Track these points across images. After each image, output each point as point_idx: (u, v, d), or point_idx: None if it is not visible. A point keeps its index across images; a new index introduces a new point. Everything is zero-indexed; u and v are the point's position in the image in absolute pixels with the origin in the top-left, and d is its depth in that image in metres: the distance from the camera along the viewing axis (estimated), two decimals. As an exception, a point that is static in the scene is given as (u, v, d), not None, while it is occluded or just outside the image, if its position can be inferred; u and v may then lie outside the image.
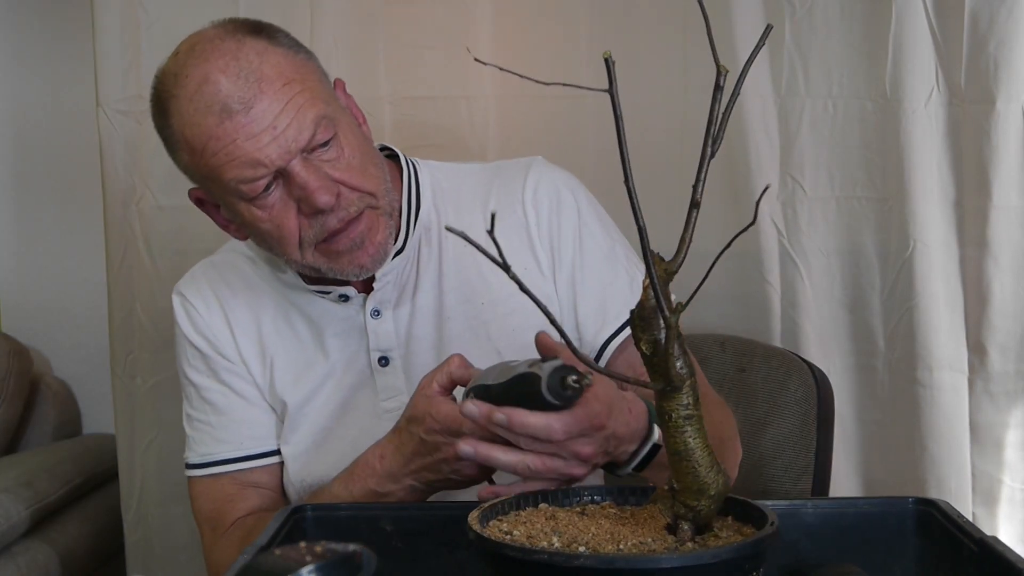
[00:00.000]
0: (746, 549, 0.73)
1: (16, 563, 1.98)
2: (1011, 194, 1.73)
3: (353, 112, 1.23)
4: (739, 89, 0.73)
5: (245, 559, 0.83)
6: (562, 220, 1.27)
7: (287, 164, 1.11)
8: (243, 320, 1.29)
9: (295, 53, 1.15)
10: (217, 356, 1.29)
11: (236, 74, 1.09)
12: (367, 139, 1.22)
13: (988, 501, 1.82)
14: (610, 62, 0.68)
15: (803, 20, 1.82)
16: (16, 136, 2.57)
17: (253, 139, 1.09)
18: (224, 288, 1.31)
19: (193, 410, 1.31)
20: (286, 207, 1.14)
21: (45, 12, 2.55)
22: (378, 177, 1.19)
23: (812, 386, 1.52)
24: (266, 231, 1.16)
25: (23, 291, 2.60)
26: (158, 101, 1.16)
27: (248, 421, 1.29)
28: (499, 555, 0.74)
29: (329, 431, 1.26)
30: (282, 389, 1.28)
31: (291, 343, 1.28)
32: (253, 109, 1.09)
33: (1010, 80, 1.70)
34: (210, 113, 1.09)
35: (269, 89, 1.10)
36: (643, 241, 0.72)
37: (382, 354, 1.26)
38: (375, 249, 1.18)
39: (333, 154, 1.14)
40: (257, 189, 1.12)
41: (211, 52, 1.11)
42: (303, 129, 1.10)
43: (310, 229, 1.15)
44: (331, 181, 1.13)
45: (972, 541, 0.84)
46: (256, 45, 1.12)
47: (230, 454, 1.28)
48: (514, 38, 1.96)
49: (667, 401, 0.76)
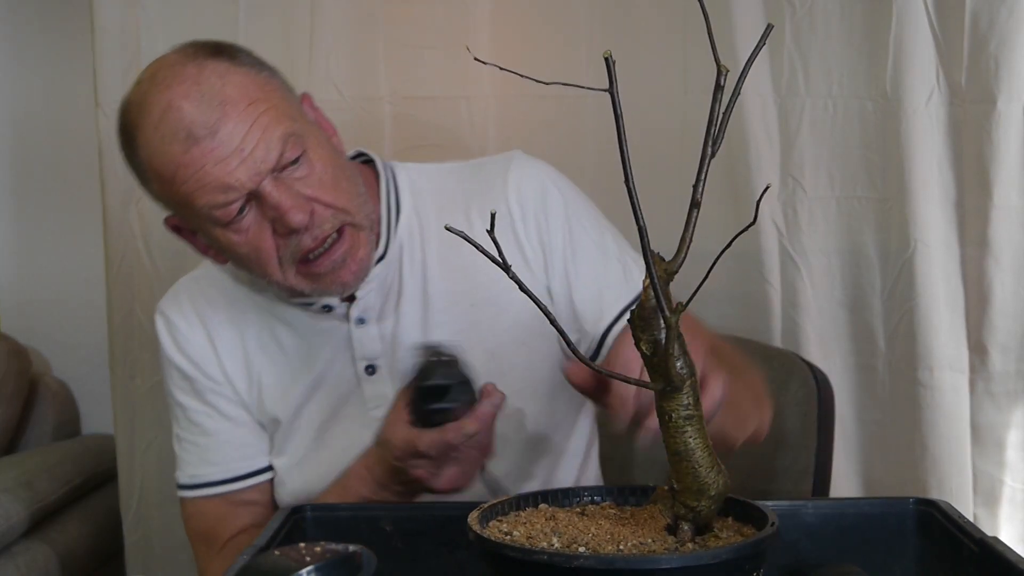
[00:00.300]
0: (746, 549, 0.73)
1: (16, 563, 1.98)
2: (1012, 194, 1.73)
3: (323, 126, 1.21)
4: (739, 89, 0.73)
5: (245, 559, 0.83)
6: (549, 214, 1.25)
7: (258, 185, 1.09)
8: (227, 338, 1.27)
9: (258, 72, 1.13)
10: (202, 377, 1.27)
11: (199, 99, 1.08)
12: (339, 152, 1.21)
13: (989, 501, 1.82)
14: (610, 62, 0.68)
15: (803, 20, 1.82)
16: (16, 136, 2.57)
17: (221, 163, 1.07)
18: (206, 306, 1.29)
19: (181, 431, 1.30)
20: (261, 228, 1.12)
21: (45, 12, 2.55)
22: (351, 191, 1.17)
23: (812, 386, 1.52)
24: (244, 254, 1.14)
25: (23, 291, 2.60)
26: (124, 132, 1.14)
27: (235, 443, 1.28)
28: (499, 555, 0.74)
29: (320, 442, 1.26)
30: (271, 405, 1.27)
31: (277, 357, 1.27)
32: (219, 133, 1.07)
33: (1011, 80, 1.70)
34: (176, 141, 1.08)
35: (233, 111, 1.08)
36: (643, 241, 0.72)
37: (368, 362, 1.24)
38: (357, 266, 1.17)
39: (304, 171, 1.12)
40: (231, 214, 1.10)
41: (172, 79, 1.10)
42: (271, 148, 1.09)
43: (286, 249, 1.13)
44: (303, 199, 1.11)
45: (973, 541, 0.84)
46: (217, 67, 1.10)
47: (219, 476, 1.28)
48: (514, 38, 1.96)
49: (667, 401, 0.76)
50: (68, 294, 2.55)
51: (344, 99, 1.98)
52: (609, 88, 0.69)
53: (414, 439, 1.05)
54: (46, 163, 2.56)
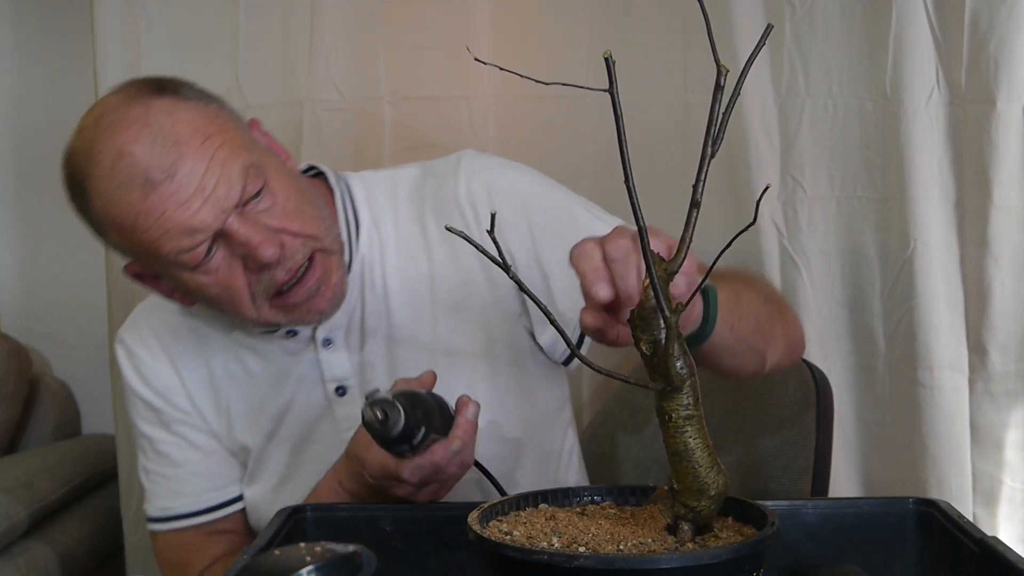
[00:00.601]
0: (746, 549, 0.73)
1: (16, 563, 1.98)
2: (1012, 194, 1.73)
3: (275, 150, 1.17)
4: (739, 89, 0.73)
5: (245, 559, 0.82)
6: (503, 209, 1.18)
7: (223, 224, 1.05)
8: (193, 368, 1.24)
9: (206, 104, 1.09)
10: (168, 408, 1.24)
11: (151, 141, 1.03)
12: (295, 176, 1.17)
13: (988, 501, 1.82)
14: (610, 62, 0.68)
15: (803, 20, 1.82)
16: (16, 136, 2.57)
17: (183, 206, 1.03)
18: (168, 334, 1.25)
19: (148, 462, 1.27)
20: (231, 267, 1.08)
21: (45, 12, 2.55)
22: (316, 216, 1.13)
23: (811, 386, 1.52)
24: (215, 295, 1.10)
25: (23, 291, 2.60)
26: (73, 183, 1.10)
27: (206, 473, 1.25)
28: (499, 555, 0.74)
29: (293, 467, 1.23)
30: (241, 433, 1.24)
31: (244, 384, 1.24)
32: (177, 175, 1.03)
33: (1011, 80, 1.69)
34: (132, 188, 1.03)
35: (188, 150, 1.03)
36: (643, 241, 0.72)
37: (338, 384, 1.21)
38: (331, 292, 1.13)
39: (267, 203, 1.08)
40: (198, 256, 1.06)
41: (119, 123, 1.05)
42: (232, 184, 1.05)
43: (259, 284, 1.09)
44: (272, 232, 1.07)
45: (972, 541, 0.84)
46: (164, 105, 1.06)
47: (191, 508, 1.25)
48: (514, 38, 1.96)
49: (667, 401, 0.76)
50: (69, 294, 2.55)
51: (344, 99, 1.98)
52: (609, 88, 0.69)
53: (394, 467, 1.02)
54: (47, 163, 2.53)
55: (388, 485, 1.05)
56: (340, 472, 1.12)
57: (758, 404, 1.57)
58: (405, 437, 0.99)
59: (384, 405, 0.97)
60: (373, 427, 0.97)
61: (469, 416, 1.06)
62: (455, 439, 1.04)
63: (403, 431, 0.97)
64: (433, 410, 1.03)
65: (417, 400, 1.01)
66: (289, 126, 2.02)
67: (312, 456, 1.22)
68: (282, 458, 1.24)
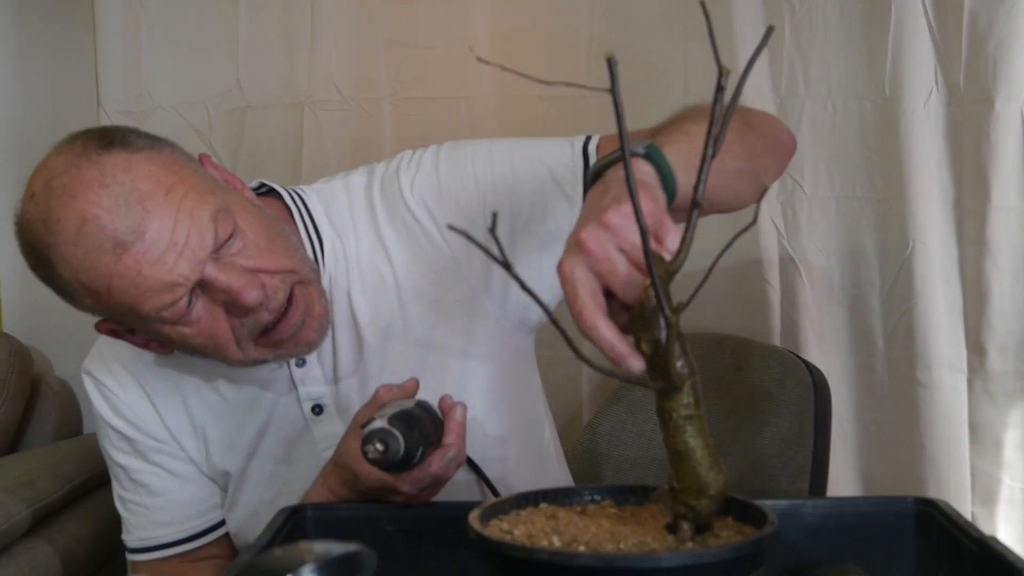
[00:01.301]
0: (746, 549, 0.73)
1: (16, 563, 1.98)
2: (1010, 194, 1.74)
3: (232, 183, 1.12)
4: (740, 90, 0.73)
5: (245, 559, 0.83)
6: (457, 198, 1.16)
7: (202, 274, 1.01)
8: (166, 396, 1.21)
9: (157, 152, 1.04)
10: (143, 437, 1.21)
11: (113, 203, 0.98)
12: (258, 208, 1.11)
13: (987, 501, 1.82)
14: (613, 62, 0.68)
15: (803, 20, 1.82)
16: (17, 136, 2.57)
17: (158, 263, 0.99)
18: (137, 363, 1.21)
19: (125, 492, 1.24)
20: (213, 315, 1.05)
21: (46, 12, 2.55)
22: (287, 247, 1.09)
23: (810, 385, 1.52)
24: (200, 344, 1.07)
25: (24, 291, 2.60)
26: (33, 252, 1.05)
27: (186, 500, 1.23)
28: (499, 554, 0.74)
29: (274, 490, 1.21)
30: (220, 459, 1.22)
31: (219, 410, 1.21)
32: (147, 233, 0.98)
33: (1009, 80, 1.70)
34: (102, 252, 0.98)
35: (154, 205, 0.99)
36: (644, 241, 0.72)
37: (314, 402, 1.18)
38: (317, 323, 1.10)
39: (239, 244, 1.04)
40: (180, 310, 1.03)
41: (74, 187, 0.99)
42: (205, 233, 1.01)
43: (243, 328, 1.06)
44: (251, 274, 1.03)
45: (971, 541, 0.84)
46: (117, 161, 1.00)
47: (173, 537, 1.23)
48: (514, 38, 1.96)
49: (667, 401, 0.76)
50: (69, 294, 2.55)
51: (344, 99, 1.98)
52: (611, 88, 0.69)
53: (392, 481, 1.01)
54: (47, 163, 2.56)
55: (384, 495, 1.05)
56: (330, 480, 1.10)
57: (757, 404, 1.57)
58: (406, 461, 0.99)
59: (383, 435, 0.96)
60: (377, 461, 0.97)
61: (458, 419, 1.06)
62: (450, 447, 1.03)
63: (404, 456, 0.97)
64: (425, 423, 1.03)
65: (411, 419, 1.00)
66: (289, 126, 2.02)
67: (291, 478, 1.20)
68: (262, 481, 1.21)
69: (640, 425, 1.68)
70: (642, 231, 0.72)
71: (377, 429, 0.97)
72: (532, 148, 1.18)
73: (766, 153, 1.13)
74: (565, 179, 1.14)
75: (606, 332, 0.74)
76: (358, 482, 1.05)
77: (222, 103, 2.04)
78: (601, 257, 0.76)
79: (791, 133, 1.21)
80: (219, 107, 2.07)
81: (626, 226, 0.76)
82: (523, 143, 1.20)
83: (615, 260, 0.76)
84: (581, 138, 1.17)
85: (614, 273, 0.76)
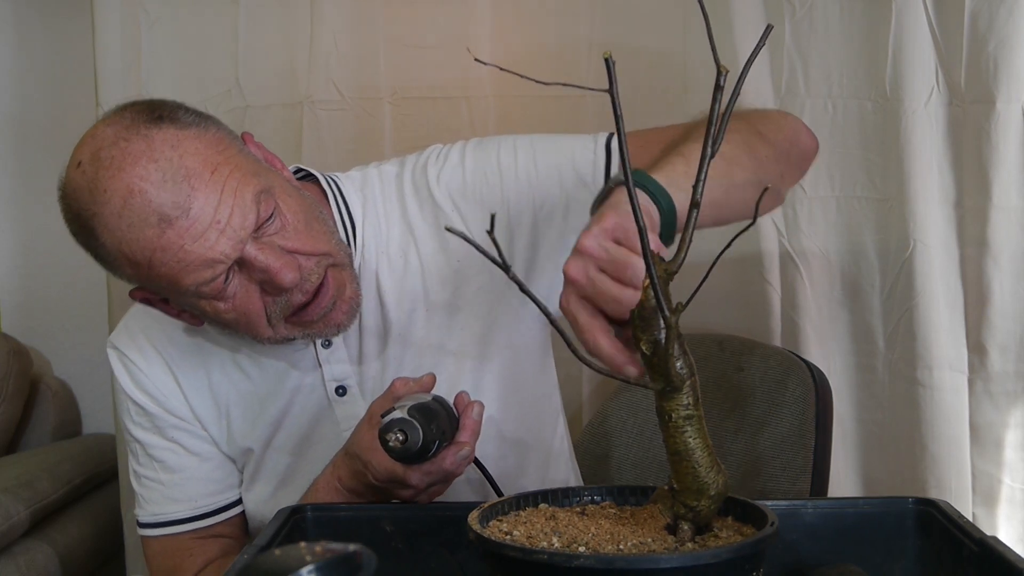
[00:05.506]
0: (746, 549, 0.73)
1: (16, 563, 1.98)
2: (1011, 194, 1.73)
3: (272, 163, 1.15)
4: (739, 89, 0.73)
5: (245, 559, 0.83)
6: (482, 193, 1.19)
7: (242, 252, 1.04)
8: (191, 373, 1.22)
9: (204, 129, 1.06)
10: (164, 413, 1.23)
11: (160, 178, 1.01)
12: (297, 189, 1.15)
13: (988, 501, 1.82)
14: (610, 62, 0.68)
15: (803, 20, 1.82)
16: (17, 136, 2.57)
17: (200, 239, 1.02)
18: (164, 339, 1.23)
19: (140, 467, 1.26)
20: (248, 292, 1.08)
21: (46, 12, 2.55)
22: (323, 230, 1.13)
23: (810, 385, 1.52)
24: (232, 320, 1.10)
25: (23, 291, 2.60)
26: (78, 219, 1.06)
27: (202, 479, 1.24)
28: (499, 555, 0.74)
29: (293, 468, 1.23)
30: (242, 437, 1.23)
31: (243, 387, 1.23)
32: (192, 210, 1.01)
33: (1010, 80, 1.70)
34: (147, 225, 1.01)
35: (200, 183, 1.02)
36: (643, 241, 0.72)
37: (339, 383, 1.21)
38: (347, 305, 1.13)
39: (279, 225, 1.08)
40: (218, 286, 1.06)
41: (122, 159, 1.01)
42: (247, 213, 1.04)
43: (275, 306, 1.09)
44: (288, 255, 1.07)
45: (972, 541, 0.84)
46: (166, 136, 1.03)
47: (185, 514, 1.24)
48: (514, 38, 1.96)
49: (667, 401, 0.76)
50: (69, 294, 2.55)
51: (344, 99, 1.98)
52: (610, 88, 0.69)
53: (402, 473, 1.03)
54: (47, 163, 2.55)
55: (393, 488, 1.05)
56: (340, 469, 1.11)
57: (757, 404, 1.57)
58: (423, 453, 1.00)
59: (403, 425, 0.98)
60: (396, 451, 0.98)
61: (475, 417, 1.06)
62: (464, 444, 1.04)
63: (422, 448, 0.99)
64: (442, 417, 1.04)
65: (429, 412, 1.01)
66: (289, 126, 2.02)
67: (311, 457, 1.21)
68: (283, 460, 1.23)
69: (640, 425, 1.68)
70: (641, 231, 0.72)
71: (398, 419, 0.98)
72: (556, 143, 1.22)
73: (780, 160, 1.16)
74: (587, 174, 1.19)
75: (606, 346, 0.81)
76: (368, 472, 1.06)
77: (222, 103, 2.04)
78: (583, 283, 0.83)
79: (812, 134, 1.23)
80: (219, 107, 2.06)
81: (597, 246, 0.83)
82: (548, 139, 1.23)
83: (597, 281, 0.82)
84: (604, 134, 1.21)
85: (597, 295, 0.82)
